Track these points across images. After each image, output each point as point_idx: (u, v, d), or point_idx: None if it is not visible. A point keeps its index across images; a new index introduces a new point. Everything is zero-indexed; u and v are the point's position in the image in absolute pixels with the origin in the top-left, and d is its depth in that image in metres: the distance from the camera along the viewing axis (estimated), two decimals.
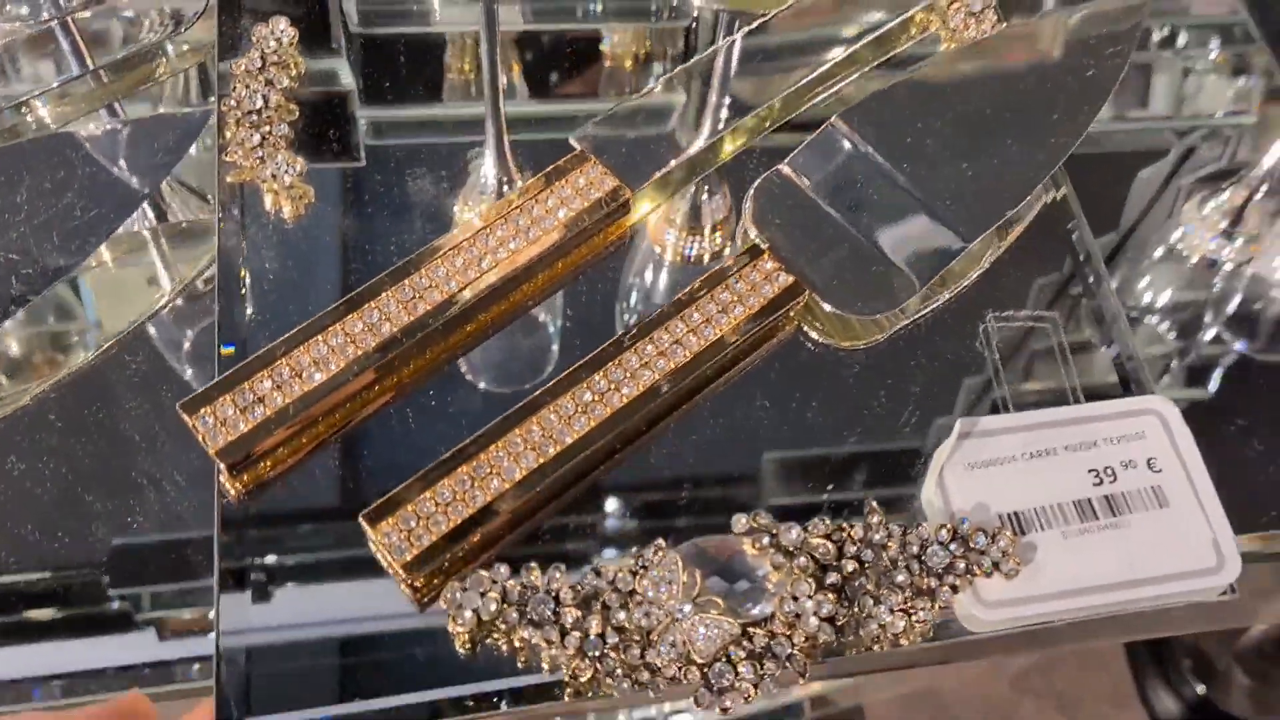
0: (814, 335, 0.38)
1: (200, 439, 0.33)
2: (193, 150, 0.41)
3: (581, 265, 0.39)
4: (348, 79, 0.43)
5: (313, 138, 0.41)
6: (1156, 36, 0.49)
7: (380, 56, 0.44)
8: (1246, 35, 0.49)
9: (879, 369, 0.37)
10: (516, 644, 0.32)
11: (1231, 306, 0.42)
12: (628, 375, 0.35)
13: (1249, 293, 0.42)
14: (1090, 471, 0.35)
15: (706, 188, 0.41)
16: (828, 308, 0.37)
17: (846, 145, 0.39)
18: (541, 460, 0.33)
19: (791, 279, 0.36)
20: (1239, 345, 0.41)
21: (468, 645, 0.32)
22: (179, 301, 0.40)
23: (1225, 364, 0.40)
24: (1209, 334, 0.41)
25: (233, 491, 0.34)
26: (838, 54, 0.42)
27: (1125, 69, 0.40)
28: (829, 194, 0.38)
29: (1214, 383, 0.40)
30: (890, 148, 0.39)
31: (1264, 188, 0.42)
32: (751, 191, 0.38)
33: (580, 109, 0.43)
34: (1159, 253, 0.42)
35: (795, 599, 0.31)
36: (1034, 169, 0.38)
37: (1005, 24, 0.43)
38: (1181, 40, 0.49)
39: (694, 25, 0.45)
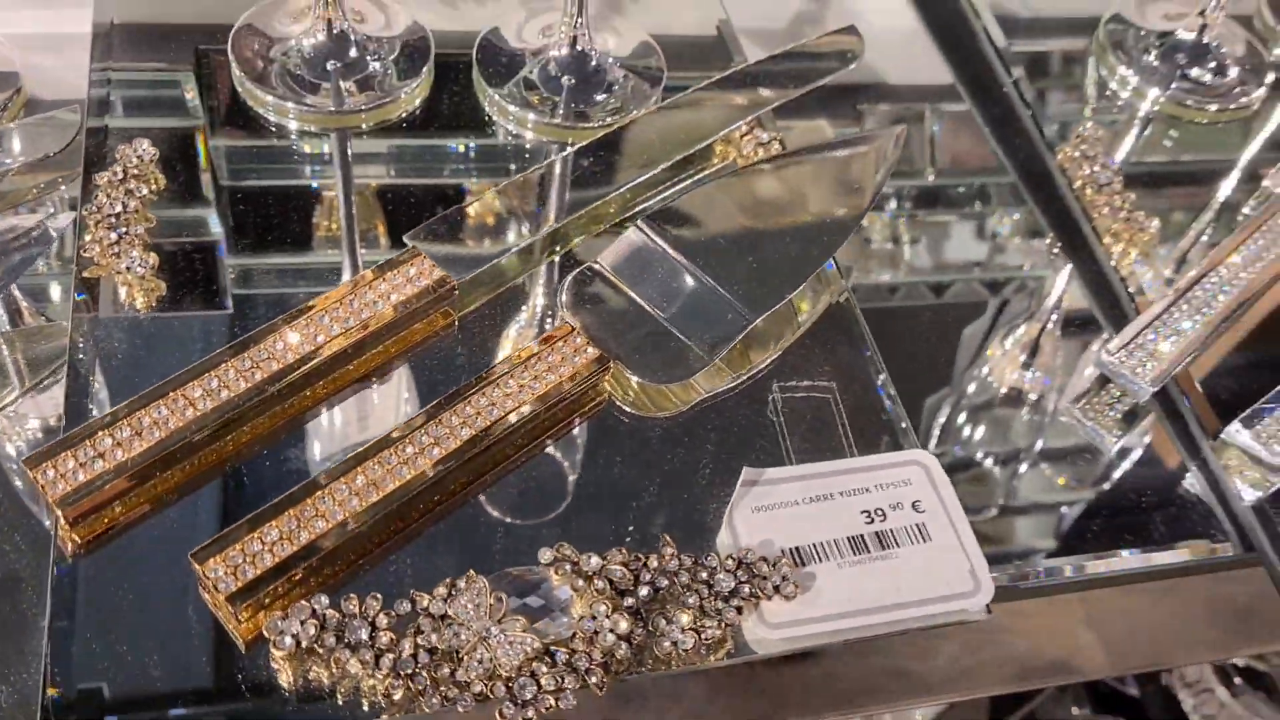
0: (625, 406, 0.42)
1: (41, 490, 0.35)
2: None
3: (413, 344, 0.43)
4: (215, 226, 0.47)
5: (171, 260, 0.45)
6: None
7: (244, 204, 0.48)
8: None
9: (682, 433, 0.42)
10: (335, 668, 0.34)
11: (989, 376, 0.48)
12: (447, 432, 0.38)
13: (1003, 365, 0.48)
14: (863, 512, 0.39)
15: (531, 281, 0.46)
16: (633, 378, 0.41)
17: (649, 243, 0.45)
18: (365, 504, 0.36)
19: (598, 353, 0.41)
20: (996, 410, 0.47)
21: (290, 672, 0.34)
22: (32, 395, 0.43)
23: (984, 423, 0.46)
24: (969, 400, 0.47)
25: (70, 542, 0.36)
26: (648, 173, 0.49)
27: (884, 183, 0.47)
28: (634, 283, 0.43)
29: (973, 441, 0.45)
30: (686, 244, 0.44)
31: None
32: (567, 282, 0.43)
33: None
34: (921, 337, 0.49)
35: (594, 618, 0.35)
36: (807, 262, 0.45)
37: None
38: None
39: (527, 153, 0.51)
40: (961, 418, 0.46)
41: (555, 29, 0.52)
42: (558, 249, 0.47)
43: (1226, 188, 0.56)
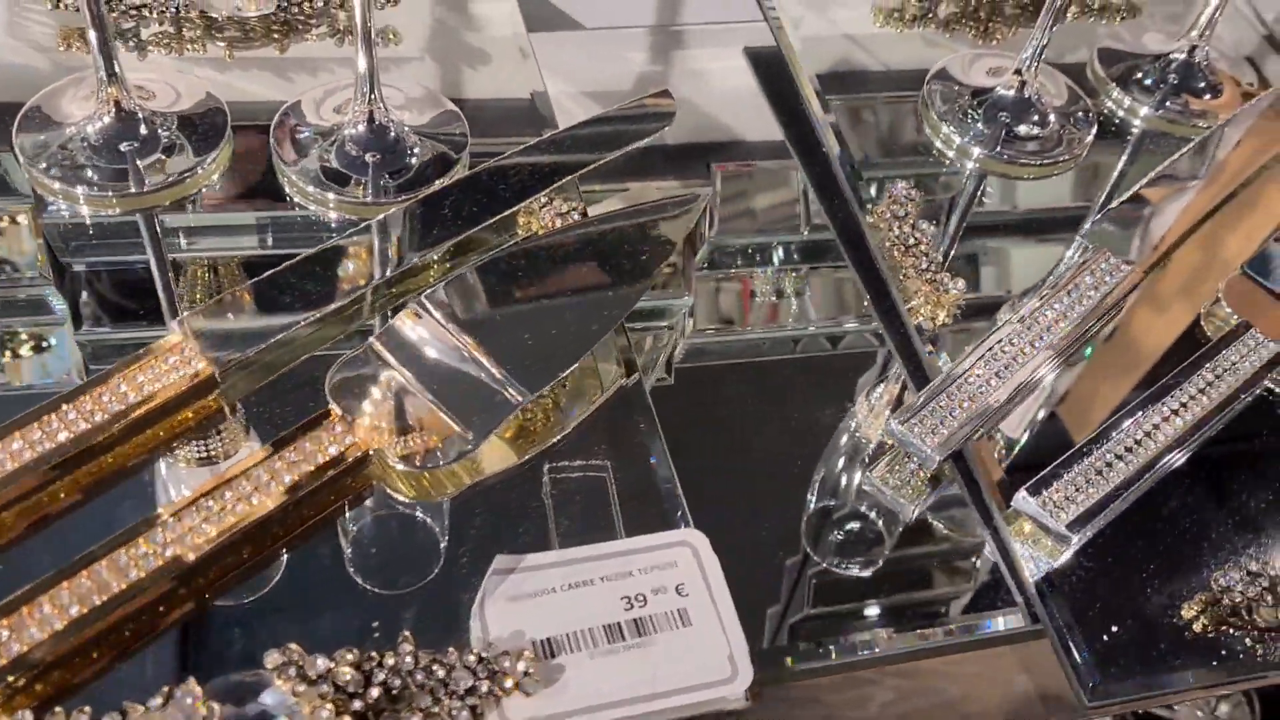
0: (394, 493, 0.41)
1: None
2: None
3: (177, 432, 0.42)
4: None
5: None
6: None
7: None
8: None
9: (449, 520, 0.41)
10: None
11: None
12: (187, 529, 0.37)
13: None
14: (623, 598, 0.38)
15: (299, 367, 0.44)
16: (397, 465, 0.40)
17: (427, 321, 0.44)
18: (85, 610, 0.35)
19: (356, 439, 0.40)
20: (791, 481, 0.46)
21: None
22: None
23: (778, 496, 0.45)
24: (763, 474, 0.46)
25: None
26: (440, 249, 0.48)
27: (672, 254, 0.47)
28: (407, 364, 0.42)
29: (761, 516, 0.44)
30: (463, 322, 0.44)
31: None
32: (335, 366, 0.42)
33: None
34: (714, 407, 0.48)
35: None
36: (585, 338, 0.44)
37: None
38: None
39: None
40: (751, 492, 0.45)
41: (350, 105, 0.51)
42: (351, 327, 0.46)
43: (1042, 244, 0.56)
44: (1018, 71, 0.57)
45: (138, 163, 0.50)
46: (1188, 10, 0.67)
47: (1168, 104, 0.60)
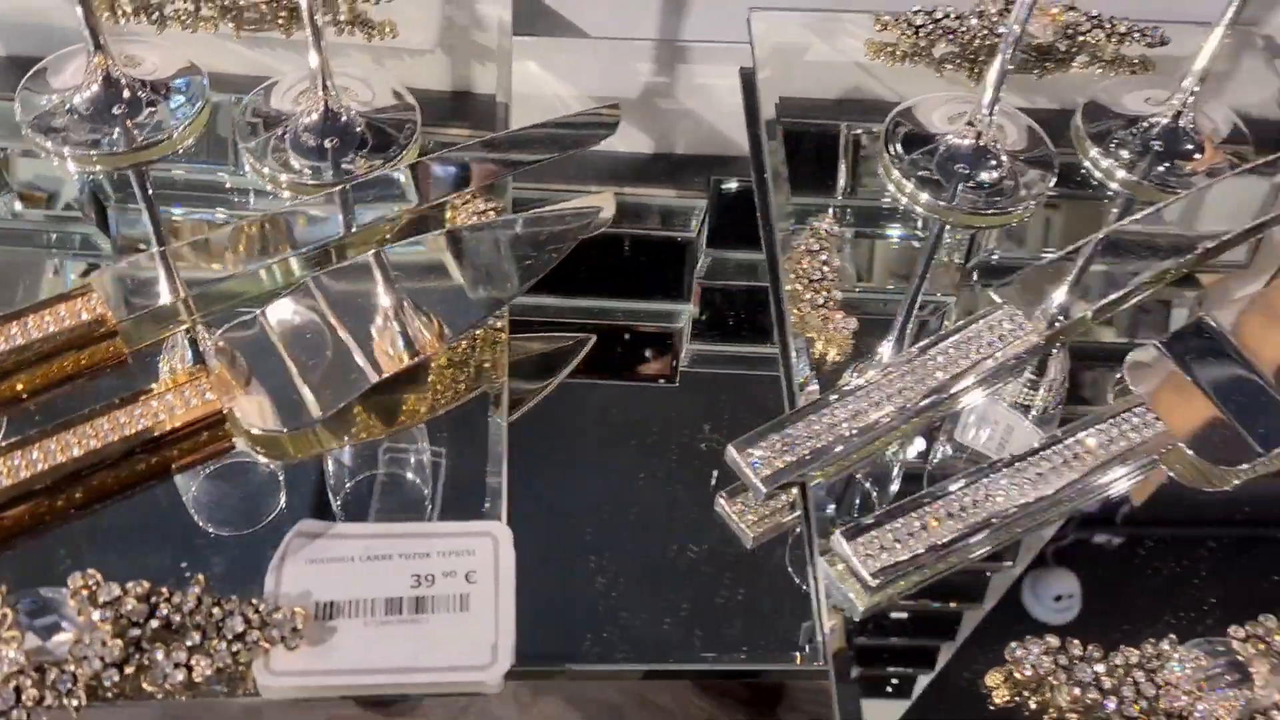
0: (252, 451, 0.45)
1: None
2: None
3: (72, 373, 0.47)
4: None
5: None
6: None
7: None
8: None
9: (284, 480, 0.44)
10: None
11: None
12: (42, 455, 0.42)
13: None
14: (413, 576, 0.41)
15: (198, 328, 0.49)
16: (249, 426, 0.44)
17: (309, 299, 0.47)
18: None
19: (215, 400, 0.44)
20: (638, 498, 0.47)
21: None
22: None
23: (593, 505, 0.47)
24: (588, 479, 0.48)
25: None
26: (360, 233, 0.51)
27: (558, 260, 0.49)
28: (284, 336, 0.46)
29: (572, 522, 0.46)
30: (342, 305, 0.47)
31: None
32: (223, 328, 0.46)
33: None
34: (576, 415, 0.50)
35: (87, 643, 0.37)
36: (452, 329, 0.47)
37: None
38: None
39: None
40: (586, 499, 0.47)
41: (310, 92, 0.55)
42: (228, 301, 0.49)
43: (964, 293, 0.55)
44: (970, 122, 0.56)
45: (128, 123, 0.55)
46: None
47: (1142, 168, 0.58)
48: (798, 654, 0.43)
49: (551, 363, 0.52)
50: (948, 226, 0.56)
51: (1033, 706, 0.41)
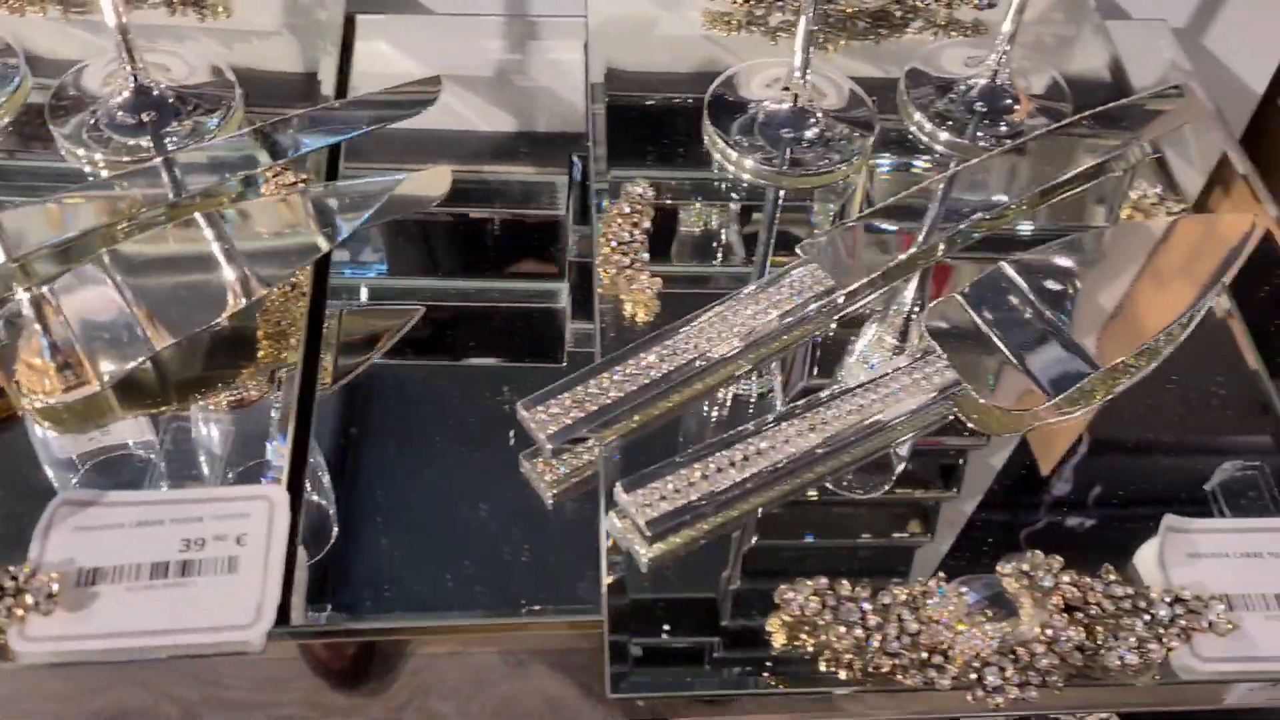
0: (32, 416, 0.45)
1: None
2: None
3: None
4: None
5: None
6: None
7: None
8: None
9: (71, 447, 0.44)
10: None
11: None
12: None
13: None
14: (183, 540, 0.41)
15: None
16: (27, 400, 0.44)
17: (97, 275, 0.47)
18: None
19: None
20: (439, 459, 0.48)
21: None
22: None
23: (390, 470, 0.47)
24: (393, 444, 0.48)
25: None
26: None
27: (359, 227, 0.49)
28: (71, 310, 0.46)
29: (365, 486, 0.46)
30: (131, 278, 0.47)
31: None
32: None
33: None
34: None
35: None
36: (217, 306, 0.47)
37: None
38: None
39: None
40: (385, 464, 0.47)
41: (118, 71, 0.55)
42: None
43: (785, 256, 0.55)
44: (786, 87, 0.56)
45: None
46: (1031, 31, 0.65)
47: (964, 128, 0.58)
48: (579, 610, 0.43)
49: (378, 338, 0.53)
50: (772, 187, 0.57)
51: (810, 648, 0.41)
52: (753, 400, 0.49)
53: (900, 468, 0.47)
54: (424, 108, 0.57)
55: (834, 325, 0.51)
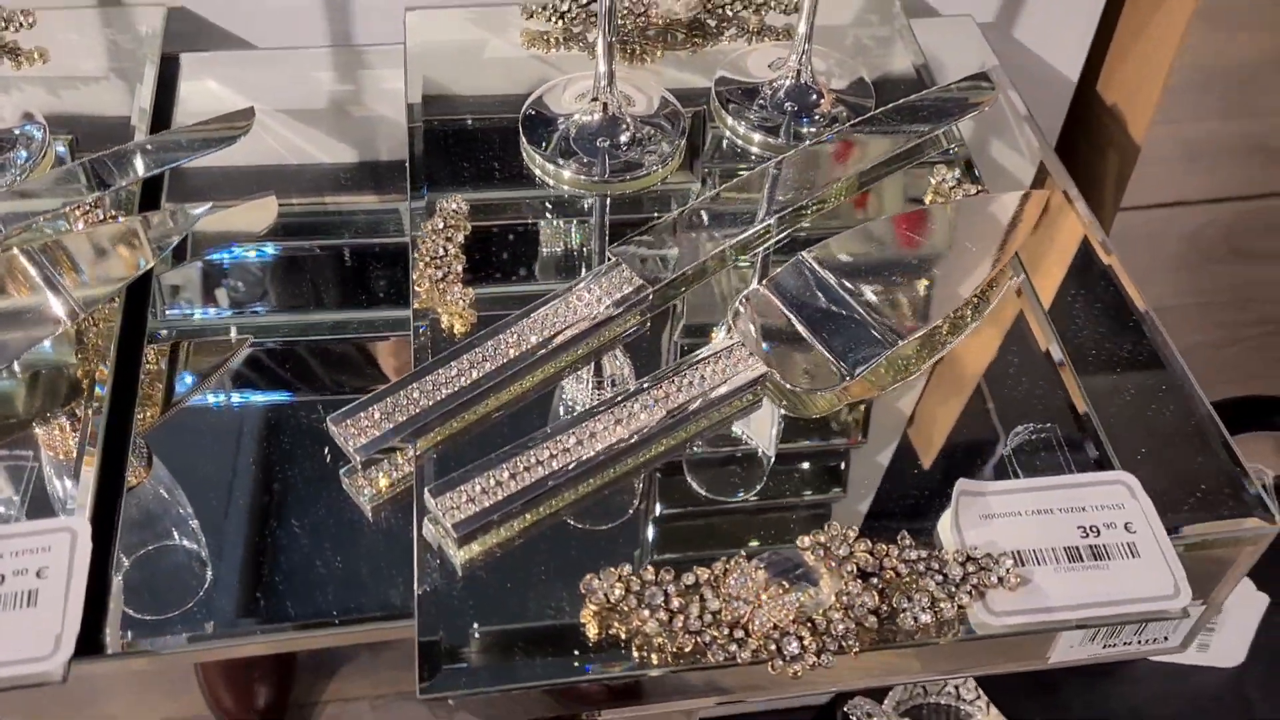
0: None
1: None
2: None
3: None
4: None
5: None
6: None
7: None
8: None
9: None
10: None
11: None
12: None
13: None
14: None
15: None
16: None
17: None
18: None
19: None
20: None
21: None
22: None
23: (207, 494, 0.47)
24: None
25: None
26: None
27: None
28: None
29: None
30: None
31: None
32: None
33: None
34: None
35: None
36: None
37: None
38: None
39: None
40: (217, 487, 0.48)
41: None
42: None
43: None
44: (595, 98, 0.58)
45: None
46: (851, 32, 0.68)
47: (774, 129, 0.61)
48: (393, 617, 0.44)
49: (209, 369, 0.53)
50: (589, 196, 0.58)
51: (622, 635, 0.42)
52: (568, 400, 0.50)
53: (707, 451, 0.48)
54: (237, 138, 0.57)
55: (646, 323, 0.52)
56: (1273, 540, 0.48)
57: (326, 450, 0.48)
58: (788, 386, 0.49)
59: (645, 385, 0.48)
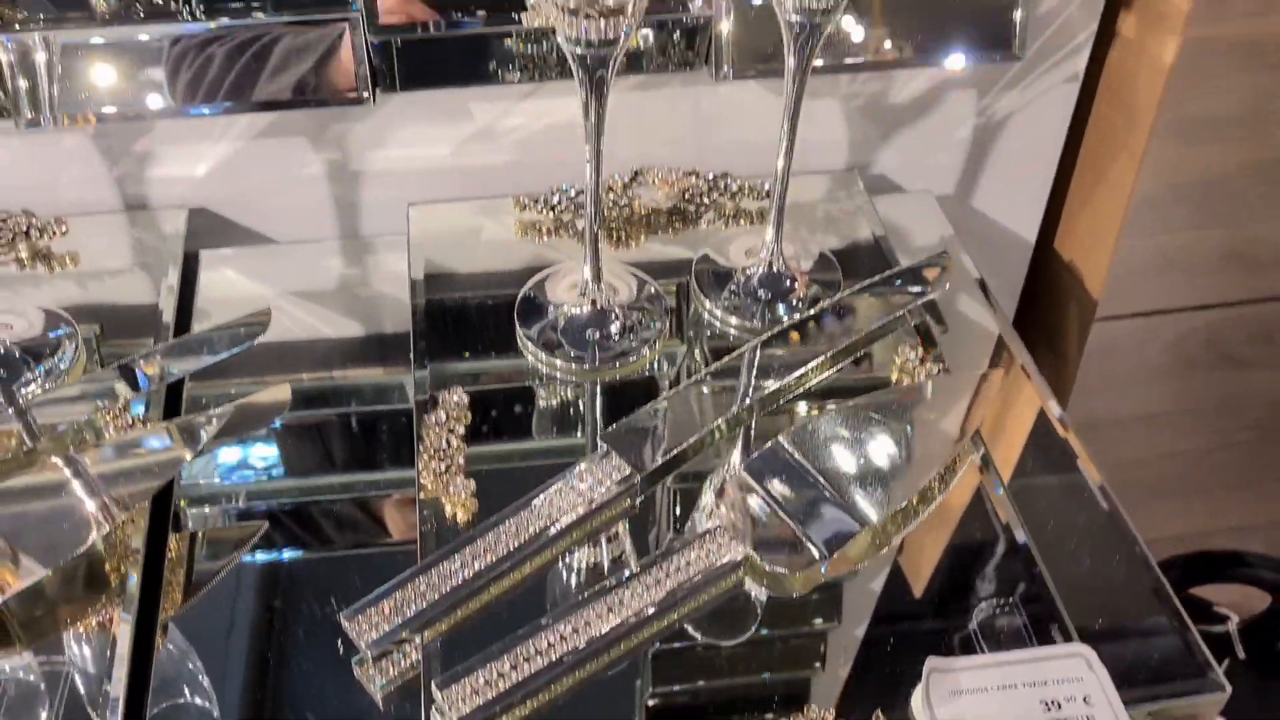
0: None
1: None
2: None
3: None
4: None
5: None
6: None
7: None
8: None
9: None
10: None
11: None
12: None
13: None
14: None
15: None
16: None
17: None
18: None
19: None
20: None
21: None
22: None
23: None
24: None
25: None
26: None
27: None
28: None
29: None
30: None
31: None
32: None
33: None
34: None
35: None
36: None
37: None
38: None
39: None
40: (233, 677, 0.51)
41: None
42: None
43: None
44: (583, 293, 0.63)
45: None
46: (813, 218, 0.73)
47: (749, 313, 0.65)
48: None
49: (226, 555, 0.57)
50: (576, 383, 0.63)
51: None
52: (563, 585, 0.53)
53: (689, 629, 0.52)
54: (256, 337, 0.62)
55: (635, 507, 0.56)
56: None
57: (339, 641, 0.52)
58: (767, 569, 0.52)
59: (634, 572, 0.52)
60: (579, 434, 0.61)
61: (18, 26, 0.61)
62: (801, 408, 0.61)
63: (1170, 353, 0.87)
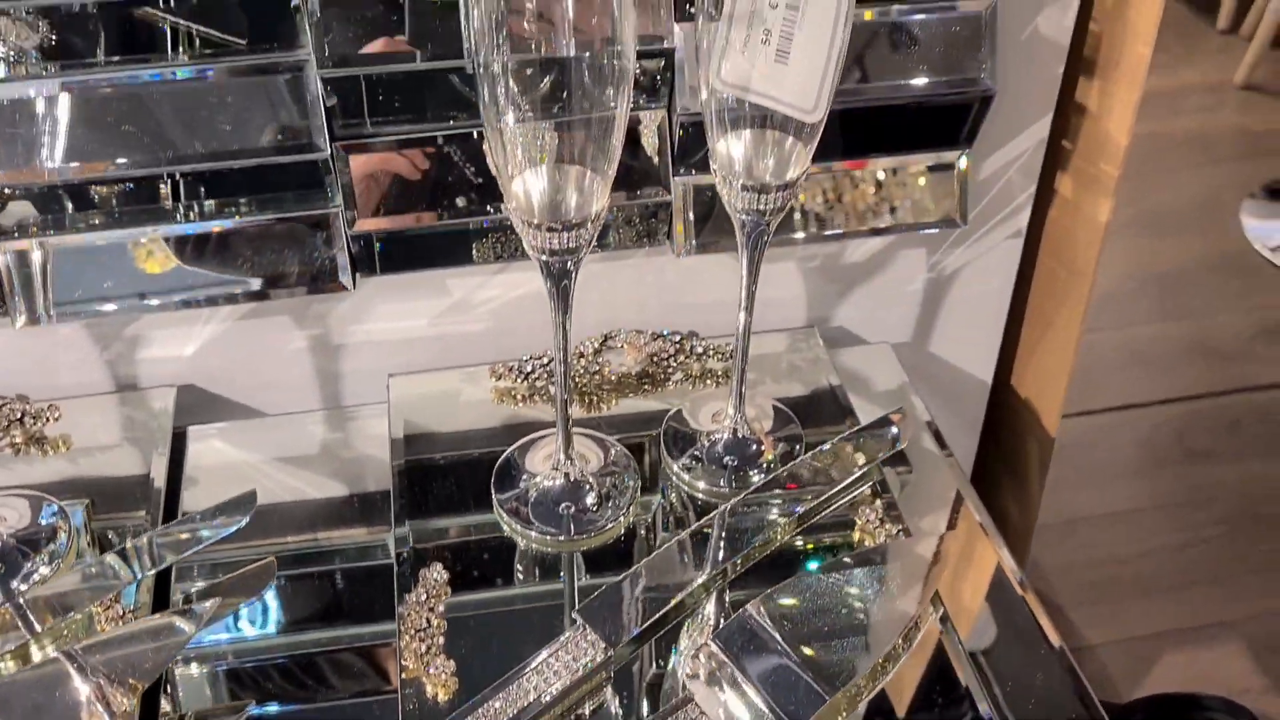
0: None
1: None
2: None
3: None
4: None
5: None
6: None
7: None
8: None
9: None
10: None
11: None
12: None
13: None
14: None
15: None
16: None
17: None
18: None
19: None
20: None
21: None
22: None
23: None
24: None
25: None
26: None
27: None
28: None
29: None
30: None
31: None
32: None
33: None
34: None
35: None
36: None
37: None
38: None
39: None
40: None
41: None
42: None
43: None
44: (555, 466, 0.66)
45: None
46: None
47: (716, 478, 0.68)
48: None
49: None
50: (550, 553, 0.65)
51: None
52: None
53: None
54: (244, 519, 0.65)
55: (610, 679, 0.58)
56: None
57: None
58: None
59: None
60: (558, 597, 0.63)
61: (16, 234, 0.65)
62: (769, 571, 0.64)
63: (1140, 448, 0.88)
